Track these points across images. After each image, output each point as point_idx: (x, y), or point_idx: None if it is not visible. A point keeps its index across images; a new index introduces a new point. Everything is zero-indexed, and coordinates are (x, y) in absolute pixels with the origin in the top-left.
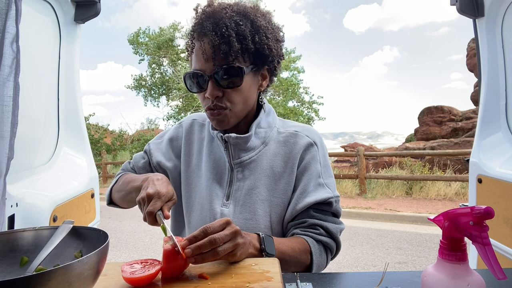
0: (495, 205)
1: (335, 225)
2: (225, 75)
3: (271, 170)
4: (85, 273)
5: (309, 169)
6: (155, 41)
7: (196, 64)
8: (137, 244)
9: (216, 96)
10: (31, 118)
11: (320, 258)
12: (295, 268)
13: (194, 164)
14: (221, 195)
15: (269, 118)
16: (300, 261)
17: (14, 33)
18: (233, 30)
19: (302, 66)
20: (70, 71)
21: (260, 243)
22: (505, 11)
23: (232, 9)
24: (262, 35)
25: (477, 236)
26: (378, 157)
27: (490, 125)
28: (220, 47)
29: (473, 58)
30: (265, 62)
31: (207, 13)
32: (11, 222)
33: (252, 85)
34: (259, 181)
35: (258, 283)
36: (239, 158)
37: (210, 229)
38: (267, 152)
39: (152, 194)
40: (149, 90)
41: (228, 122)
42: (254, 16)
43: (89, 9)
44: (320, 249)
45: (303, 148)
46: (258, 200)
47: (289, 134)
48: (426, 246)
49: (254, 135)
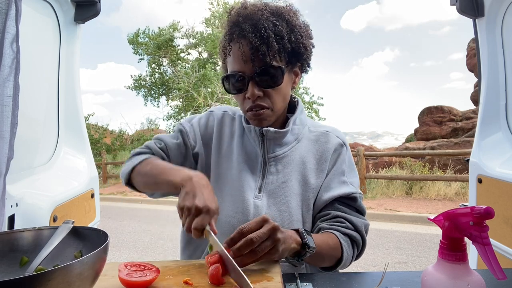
0: (495, 205)
1: (360, 220)
2: (265, 75)
3: (303, 165)
4: (85, 273)
5: (336, 168)
6: (154, 41)
7: (234, 65)
8: (137, 244)
9: (257, 96)
10: (31, 118)
11: (349, 251)
12: (328, 263)
13: (225, 154)
14: (254, 187)
15: (302, 116)
16: (333, 255)
17: (14, 33)
18: (271, 31)
19: None
20: (70, 71)
21: (301, 237)
22: (505, 11)
23: (267, 10)
24: (297, 34)
25: (477, 236)
26: (378, 157)
27: (490, 125)
28: (259, 48)
29: (473, 58)
30: (299, 60)
31: (244, 16)
32: (11, 222)
33: (288, 84)
34: (292, 175)
35: (258, 283)
36: (273, 152)
37: (246, 229)
38: (299, 148)
39: (201, 209)
40: (149, 90)
41: (269, 120)
42: (289, 16)
43: (89, 9)
44: (348, 241)
45: (334, 147)
46: (291, 193)
47: (321, 134)
48: (426, 246)
49: (290, 131)
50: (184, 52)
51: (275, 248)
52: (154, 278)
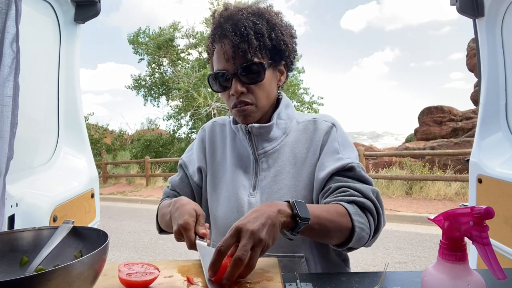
0: (495, 205)
1: (366, 186)
2: (247, 71)
3: (294, 157)
4: (85, 273)
5: (327, 147)
6: (155, 41)
7: (218, 65)
8: (137, 244)
9: (240, 92)
10: (31, 118)
11: (361, 219)
12: (337, 235)
13: (219, 161)
14: (248, 186)
15: (288, 110)
16: (340, 224)
17: (14, 33)
18: (251, 29)
19: (302, 67)
20: (70, 71)
21: (292, 209)
22: (505, 11)
23: (247, 11)
24: (278, 32)
25: (477, 236)
26: (378, 157)
27: (490, 125)
28: (240, 45)
29: (473, 58)
30: (282, 57)
31: (225, 16)
32: (11, 222)
33: (273, 80)
34: (284, 168)
35: (258, 283)
36: (262, 148)
37: (224, 247)
38: (288, 141)
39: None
40: (149, 90)
41: (254, 116)
42: (269, 15)
43: (89, 9)
44: (356, 209)
45: (324, 132)
46: (283, 186)
47: (308, 122)
48: (426, 246)
49: (276, 126)
50: (184, 52)
51: (265, 247)
52: (154, 278)
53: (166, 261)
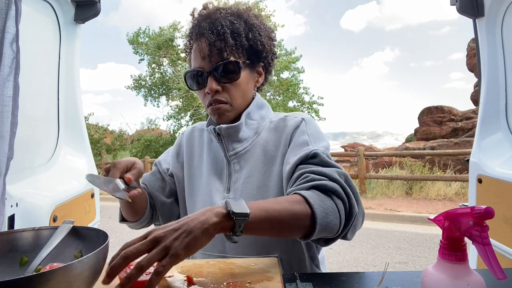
0: (495, 205)
1: (329, 168)
2: (223, 70)
3: (265, 156)
4: (85, 273)
5: (295, 141)
6: (155, 41)
7: (194, 62)
8: None
9: (215, 90)
10: (31, 118)
11: (322, 203)
12: (296, 224)
13: (196, 166)
14: (222, 189)
15: (262, 111)
16: (295, 212)
17: (14, 33)
18: (228, 28)
19: (302, 67)
20: (70, 71)
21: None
22: (505, 11)
23: (226, 11)
24: (255, 32)
25: (477, 236)
26: (378, 157)
27: (490, 125)
28: (216, 44)
29: (473, 58)
30: (260, 58)
31: (203, 15)
32: (11, 222)
33: (249, 81)
34: (255, 169)
35: (258, 283)
36: (233, 149)
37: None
38: (259, 141)
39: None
40: (149, 90)
41: (228, 115)
42: (247, 16)
43: (89, 9)
44: (316, 193)
45: (293, 128)
46: (255, 187)
47: (279, 120)
48: (426, 246)
49: (246, 126)
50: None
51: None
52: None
53: None
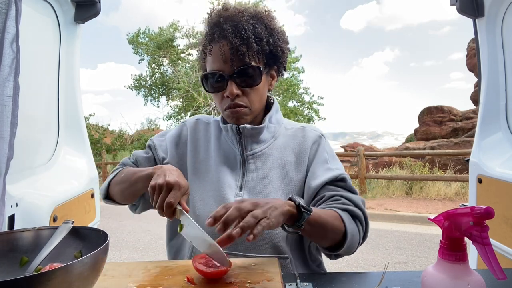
0: (495, 205)
1: (356, 196)
2: (244, 75)
3: (282, 160)
4: (85, 273)
5: (317, 157)
6: (155, 41)
7: (214, 65)
8: (137, 244)
9: (235, 95)
10: (31, 118)
11: (352, 225)
12: (332, 236)
13: (202, 159)
14: (234, 186)
15: (278, 115)
16: (335, 226)
17: (14, 33)
18: (251, 33)
19: (302, 67)
20: (70, 71)
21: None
22: (505, 11)
23: (247, 13)
24: (275, 37)
25: (477, 236)
26: (378, 157)
27: (490, 125)
28: (239, 48)
29: (473, 58)
30: (276, 62)
31: (225, 17)
32: (11, 222)
33: (265, 84)
34: (272, 171)
35: (258, 283)
36: (251, 150)
37: (228, 203)
38: (277, 145)
39: (172, 184)
40: (149, 90)
41: (246, 119)
42: (267, 20)
43: (89, 9)
44: (348, 216)
45: (313, 140)
46: (272, 189)
47: (297, 129)
48: (426, 246)
49: (266, 129)
50: (184, 52)
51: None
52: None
53: (166, 261)
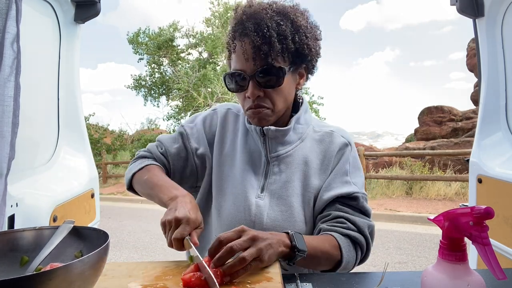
0: (495, 205)
1: (363, 220)
2: (266, 75)
3: (306, 165)
4: (86, 273)
5: (338, 167)
6: (155, 41)
7: (236, 64)
8: (137, 244)
9: (257, 96)
10: (31, 118)
11: (349, 253)
12: (326, 265)
13: (228, 152)
14: (256, 186)
15: (306, 115)
16: (331, 256)
17: (14, 33)
18: (274, 31)
19: None
20: (70, 71)
21: (291, 240)
22: (505, 11)
23: (272, 9)
24: (302, 34)
25: (477, 236)
26: (378, 157)
27: (490, 125)
28: (261, 47)
29: (473, 58)
30: (304, 61)
31: (248, 14)
32: (11, 222)
33: (291, 84)
34: (294, 175)
35: (258, 283)
36: (276, 151)
37: (224, 237)
38: (303, 148)
39: (180, 219)
40: (149, 90)
41: (268, 120)
42: (294, 15)
43: (89, 9)
44: (348, 243)
45: (339, 147)
46: (293, 193)
47: (325, 133)
48: (426, 246)
49: (292, 130)
50: (184, 52)
51: (259, 258)
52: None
53: (166, 261)
